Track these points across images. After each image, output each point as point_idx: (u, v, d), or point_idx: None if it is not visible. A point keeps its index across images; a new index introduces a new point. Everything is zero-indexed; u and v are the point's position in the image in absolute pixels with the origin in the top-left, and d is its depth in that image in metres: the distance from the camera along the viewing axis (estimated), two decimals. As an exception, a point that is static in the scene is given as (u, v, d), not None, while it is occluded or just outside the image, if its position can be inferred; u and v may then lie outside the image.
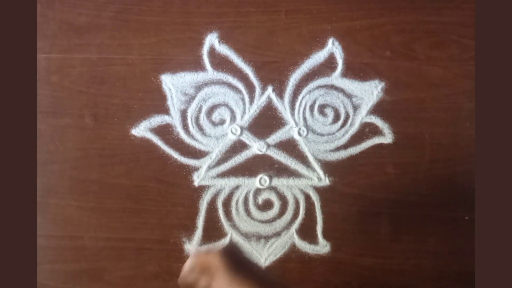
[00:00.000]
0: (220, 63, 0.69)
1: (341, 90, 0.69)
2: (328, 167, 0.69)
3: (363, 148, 0.69)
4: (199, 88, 0.69)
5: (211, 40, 0.69)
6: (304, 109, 0.69)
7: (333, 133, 0.69)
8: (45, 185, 0.69)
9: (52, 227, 0.69)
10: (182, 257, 0.69)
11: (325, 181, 0.69)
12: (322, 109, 0.69)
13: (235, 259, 0.47)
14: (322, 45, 0.68)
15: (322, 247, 0.69)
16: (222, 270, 0.45)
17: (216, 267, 0.46)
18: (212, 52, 0.69)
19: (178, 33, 0.69)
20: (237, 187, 0.69)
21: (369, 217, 0.69)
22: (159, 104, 0.69)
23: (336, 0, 0.68)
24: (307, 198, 0.69)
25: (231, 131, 0.69)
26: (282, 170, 0.69)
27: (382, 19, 0.68)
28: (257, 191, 0.70)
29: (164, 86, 0.69)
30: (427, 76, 0.68)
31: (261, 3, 0.69)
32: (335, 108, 0.69)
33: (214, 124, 0.69)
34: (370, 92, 0.68)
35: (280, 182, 0.69)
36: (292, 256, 0.69)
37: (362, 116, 0.69)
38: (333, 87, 0.69)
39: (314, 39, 0.68)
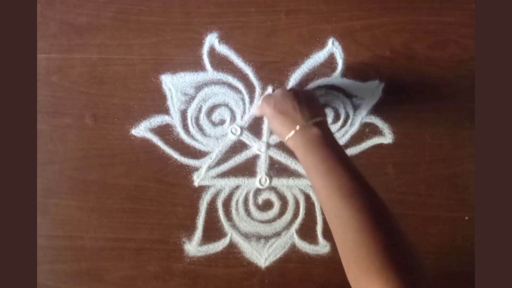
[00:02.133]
0: (220, 63, 0.69)
1: (341, 90, 0.69)
2: (328, 167, 0.69)
3: (363, 148, 0.69)
4: (199, 88, 0.69)
5: (211, 40, 0.69)
6: (304, 109, 0.69)
7: (333, 133, 0.69)
8: (45, 185, 0.69)
9: (52, 227, 0.69)
10: (182, 257, 0.69)
11: (325, 181, 0.69)
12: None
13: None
14: (322, 45, 0.68)
15: (322, 247, 0.69)
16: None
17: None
18: (212, 52, 0.69)
19: (178, 33, 0.69)
20: (237, 187, 0.69)
21: (369, 217, 0.69)
22: (159, 104, 0.69)
23: (336, 0, 0.68)
24: (307, 198, 0.69)
25: (231, 131, 0.69)
26: (282, 170, 0.69)
27: (382, 19, 0.68)
28: (257, 191, 0.70)
29: (164, 86, 0.69)
30: (427, 76, 0.68)
31: (261, 3, 0.69)
32: (335, 108, 0.69)
33: (214, 124, 0.69)
34: (370, 92, 0.68)
35: (280, 182, 0.69)
36: (292, 256, 0.69)
37: (362, 116, 0.69)
38: (333, 87, 0.69)
39: (314, 39, 0.68)
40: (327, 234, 0.69)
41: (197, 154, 0.69)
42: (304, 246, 0.69)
